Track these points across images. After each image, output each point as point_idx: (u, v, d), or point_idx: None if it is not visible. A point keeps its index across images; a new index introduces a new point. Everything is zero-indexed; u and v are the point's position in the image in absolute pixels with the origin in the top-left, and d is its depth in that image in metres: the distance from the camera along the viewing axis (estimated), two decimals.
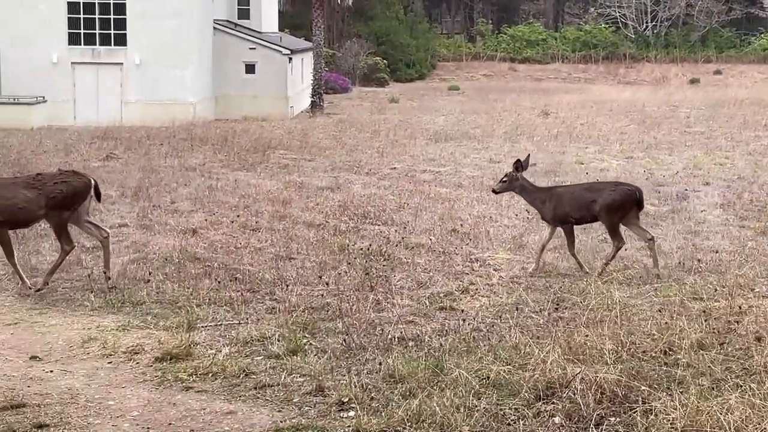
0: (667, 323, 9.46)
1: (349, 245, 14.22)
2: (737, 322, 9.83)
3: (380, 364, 8.65)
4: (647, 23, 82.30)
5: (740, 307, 10.32)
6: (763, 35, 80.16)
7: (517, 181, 13.23)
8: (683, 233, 15.62)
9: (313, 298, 11.32)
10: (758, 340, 9.05)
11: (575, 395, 7.52)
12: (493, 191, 14.24)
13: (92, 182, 12.15)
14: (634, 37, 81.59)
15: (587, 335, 8.92)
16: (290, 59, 46.24)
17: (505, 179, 13.39)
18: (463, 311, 10.79)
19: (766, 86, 60.38)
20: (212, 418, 7.71)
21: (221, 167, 23.51)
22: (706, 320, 9.75)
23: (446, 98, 55.30)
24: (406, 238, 14.90)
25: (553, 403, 7.56)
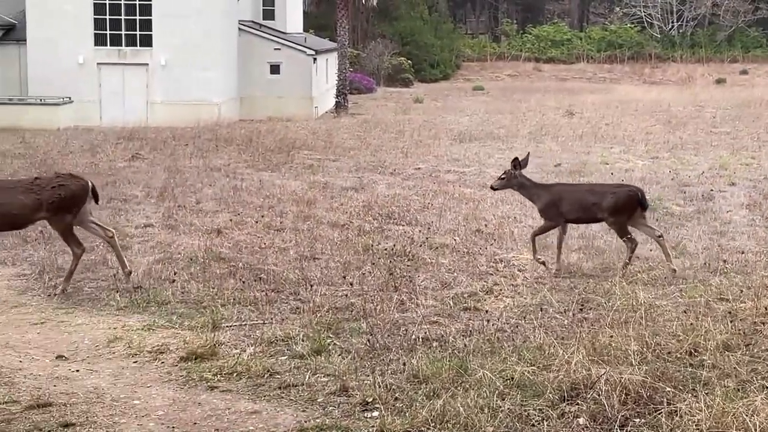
0: (692, 324, 9.41)
1: (373, 245, 14.23)
2: (763, 323, 9.79)
3: (404, 364, 8.66)
4: (673, 23, 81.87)
5: (766, 308, 10.27)
6: None
7: (515, 178, 13.37)
8: (709, 234, 15.55)
9: (337, 298, 11.34)
10: None
11: (600, 396, 7.50)
12: (491, 188, 14.33)
13: (89, 184, 12.14)
14: (659, 36, 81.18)
15: (612, 336, 8.89)
16: (315, 60, 46.29)
17: (503, 176, 13.54)
18: (487, 312, 10.77)
19: None
20: (237, 417, 7.73)
21: (246, 168, 23.57)
22: (731, 321, 9.70)
23: (471, 98, 55.23)
24: (430, 238, 14.90)
25: (577, 404, 7.54)
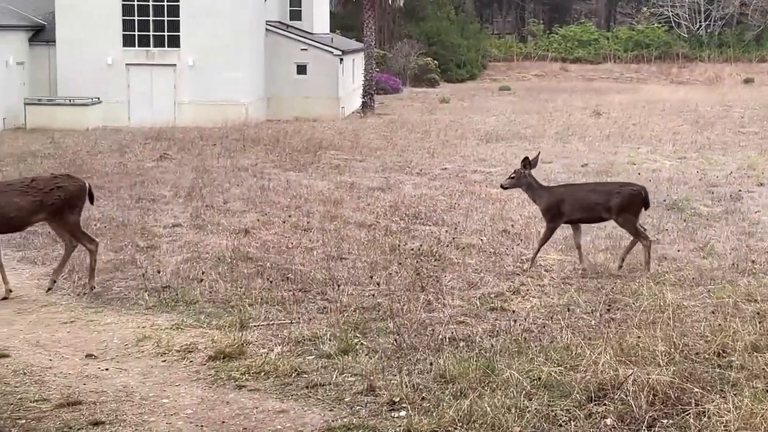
0: (720, 325, 9.38)
1: (400, 245, 14.25)
2: None
3: (431, 364, 8.67)
4: (700, 23, 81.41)
5: None
6: None
7: (524, 177, 13.44)
8: (737, 234, 15.47)
9: (364, 298, 11.37)
10: None
11: (627, 397, 7.49)
12: (501, 186, 14.34)
13: (86, 185, 12.16)
14: (687, 36, 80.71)
15: (639, 337, 8.87)
16: (341, 60, 46.37)
17: (513, 175, 13.61)
18: (514, 312, 10.77)
19: None
20: (264, 416, 7.77)
21: (273, 168, 23.64)
22: (760, 322, 9.64)
23: (497, 98, 55.15)
24: (456, 238, 14.91)
25: (604, 404, 7.53)
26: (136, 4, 40.89)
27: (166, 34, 41.21)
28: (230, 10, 40.73)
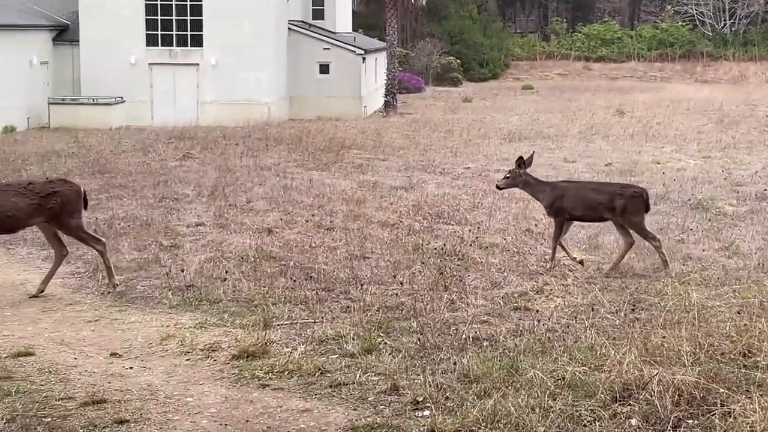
0: (746, 325, 9.31)
1: (423, 245, 14.24)
2: None
3: (455, 363, 8.66)
4: (725, 21, 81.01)
5: None
6: None
7: (520, 177, 13.50)
8: (762, 234, 15.38)
9: (387, 297, 11.36)
10: None
11: (652, 397, 7.45)
12: (497, 187, 14.36)
13: (82, 190, 12.16)
14: (711, 35, 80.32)
15: (664, 337, 8.83)
16: (364, 59, 46.39)
17: (508, 176, 13.71)
18: (537, 311, 10.75)
19: None
20: (288, 415, 7.78)
21: (296, 167, 23.66)
22: None
23: (520, 97, 55.05)
24: (480, 237, 14.88)
25: (629, 404, 7.50)
26: (159, 3, 41.04)
27: (189, 33, 41.34)
28: (253, 9, 40.80)
